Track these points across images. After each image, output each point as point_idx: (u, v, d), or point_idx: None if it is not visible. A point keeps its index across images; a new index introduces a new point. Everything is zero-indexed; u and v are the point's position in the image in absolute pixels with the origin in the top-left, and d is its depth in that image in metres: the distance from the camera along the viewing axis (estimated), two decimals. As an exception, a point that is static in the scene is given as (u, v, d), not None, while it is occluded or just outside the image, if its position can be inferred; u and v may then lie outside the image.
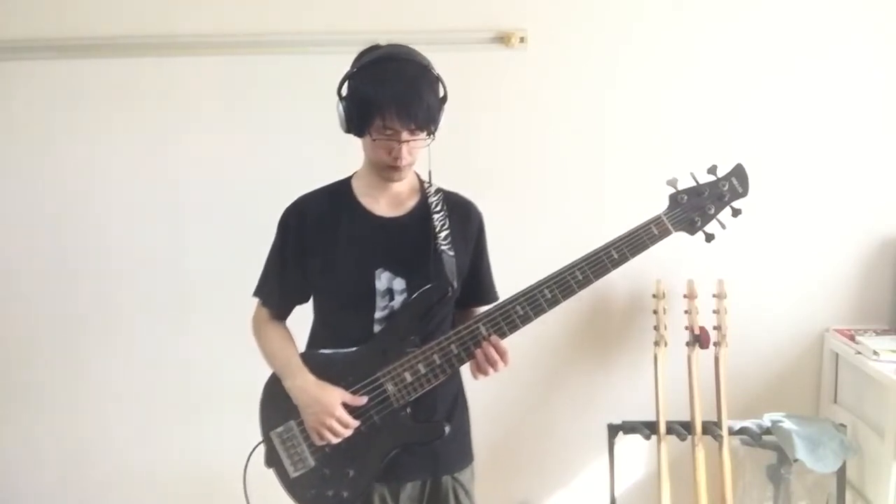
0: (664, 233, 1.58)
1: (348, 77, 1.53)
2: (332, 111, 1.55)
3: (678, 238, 2.43)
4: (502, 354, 1.53)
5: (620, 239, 1.56)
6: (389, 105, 1.45)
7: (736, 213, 1.62)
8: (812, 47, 2.42)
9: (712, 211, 1.60)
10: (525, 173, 2.48)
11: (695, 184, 1.61)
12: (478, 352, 1.53)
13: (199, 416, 2.58)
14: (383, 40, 1.87)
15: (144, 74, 2.46)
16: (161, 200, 2.53)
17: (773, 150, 2.43)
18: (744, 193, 1.62)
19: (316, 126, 2.42)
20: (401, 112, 1.46)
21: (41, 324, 2.60)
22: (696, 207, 1.60)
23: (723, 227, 1.62)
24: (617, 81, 2.44)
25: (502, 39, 2.39)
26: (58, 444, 2.65)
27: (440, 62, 2.39)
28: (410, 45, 1.60)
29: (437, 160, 2.25)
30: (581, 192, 2.48)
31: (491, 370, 1.54)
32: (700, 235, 1.63)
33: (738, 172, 1.62)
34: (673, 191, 1.61)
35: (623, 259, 1.56)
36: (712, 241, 1.62)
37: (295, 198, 1.67)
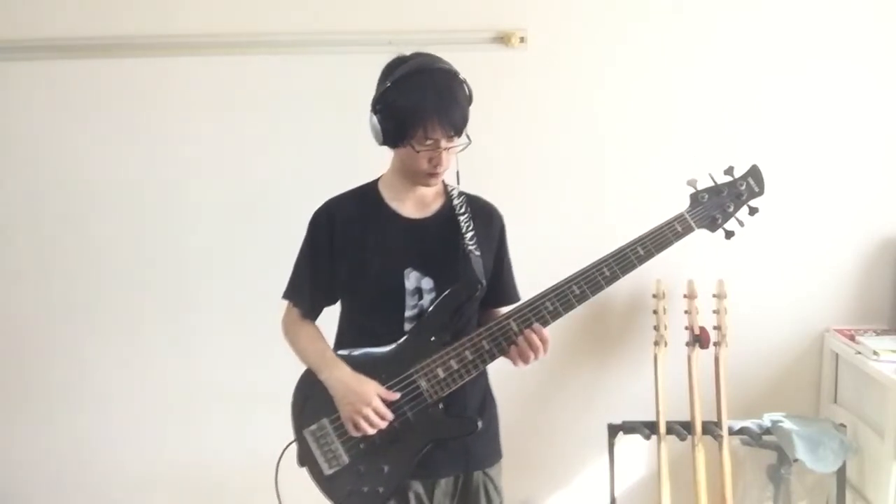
0: (687, 230, 1.63)
1: (385, 91, 1.56)
2: (335, 111, 1.55)
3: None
4: (544, 342, 1.57)
5: (645, 236, 1.61)
6: (431, 115, 1.50)
7: (753, 211, 1.68)
8: (812, 48, 2.42)
9: (731, 209, 1.67)
10: (525, 173, 2.48)
11: (713, 184, 1.67)
12: (520, 338, 1.56)
13: (200, 417, 2.58)
14: (384, 40, 1.87)
15: (143, 74, 2.46)
16: (161, 200, 2.52)
17: (773, 150, 2.43)
18: (760, 192, 1.68)
19: (317, 126, 2.42)
20: (442, 121, 1.51)
21: (41, 324, 2.59)
22: (716, 206, 1.66)
23: (741, 224, 1.68)
24: (617, 81, 2.44)
25: (502, 39, 2.39)
26: (58, 444, 2.64)
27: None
28: (410, 46, 1.60)
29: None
30: (581, 191, 2.48)
31: (532, 356, 1.58)
32: (705, 232, 1.67)
33: (754, 173, 1.69)
34: (693, 190, 1.66)
35: (648, 255, 1.60)
36: (731, 238, 1.67)
37: (324, 199, 1.69)
